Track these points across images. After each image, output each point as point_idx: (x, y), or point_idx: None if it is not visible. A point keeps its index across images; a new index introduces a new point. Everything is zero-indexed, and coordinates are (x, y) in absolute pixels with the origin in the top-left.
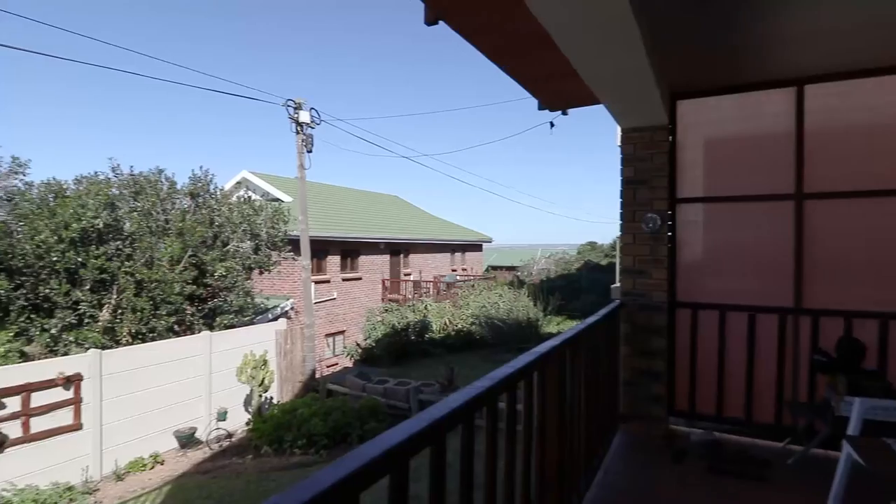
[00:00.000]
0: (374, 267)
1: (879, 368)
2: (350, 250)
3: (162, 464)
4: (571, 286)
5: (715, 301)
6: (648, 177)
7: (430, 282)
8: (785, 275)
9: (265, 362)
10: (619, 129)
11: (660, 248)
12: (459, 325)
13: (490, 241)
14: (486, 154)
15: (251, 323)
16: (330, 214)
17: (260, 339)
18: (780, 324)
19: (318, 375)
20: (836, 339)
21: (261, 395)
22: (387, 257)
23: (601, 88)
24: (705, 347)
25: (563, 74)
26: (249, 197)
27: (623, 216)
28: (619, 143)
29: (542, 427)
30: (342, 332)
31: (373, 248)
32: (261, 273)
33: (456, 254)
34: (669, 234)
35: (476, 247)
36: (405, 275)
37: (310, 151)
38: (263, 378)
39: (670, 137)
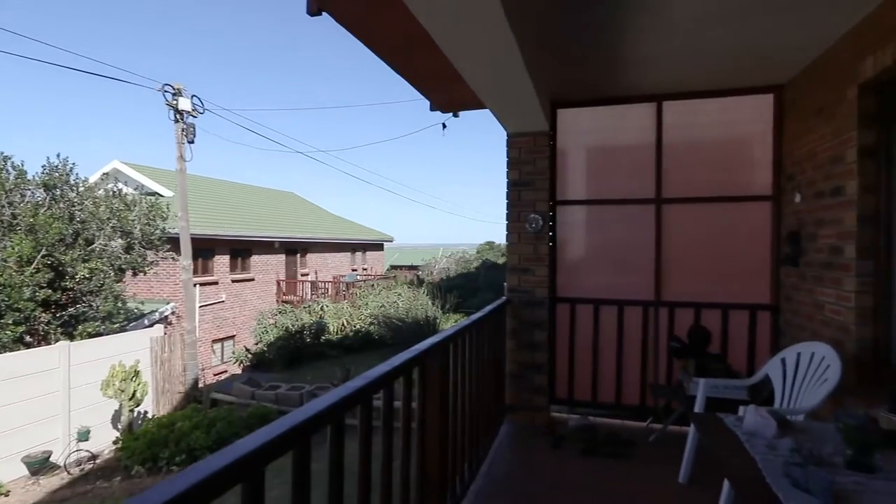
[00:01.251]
0: (269, 267)
1: (722, 352)
2: (241, 249)
3: (6, 495)
4: (470, 284)
5: (590, 296)
6: (532, 179)
7: (329, 282)
8: (648, 271)
9: (137, 373)
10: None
11: (542, 247)
12: (358, 326)
13: (391, 241)
14: (389, 153)
15: (122, 330)
16: (219, 211)
17: (131, 347)
18: (643, 315)
19: (201, 385)
20: (688, 328)
21: (132, 410)
22: (282, 257)
23: (484, 93)
24: (582, 339)
25: (452, 77)
26: (120, 190)
27: (509, 216)
28: (506, 147)
29: (423, 422)
30: (232, 337)
31: (267, 247)
32: (135, 275)
33: (356, 253)
34: (551, 233)
35: (377, 246)
36: (302, 275)
37: (191, 142)
38: (135, 391)
39: (552, 143)
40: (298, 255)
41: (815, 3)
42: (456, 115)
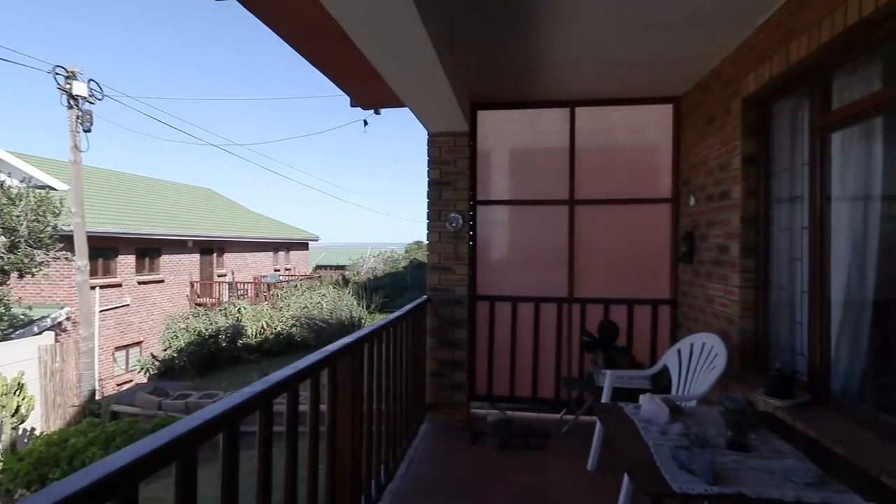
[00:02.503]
0: (181, 267)
1: (628, 344)
2: (149, 249)
3: None
4: (397, 284)
5: (508, 294)
6: (452, 179)
7: (249, 283)
8: (562, 269)
9: (21, 386)
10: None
11: (462, 246)
12: (279, 328)
13: (317, 240)
14: (317, 150)
15: (6, 339)
16: (123, 207)
17: (16, 358)
18: (558, 311)
19: (100, 397)
20: (598, 323)
21: (15, 428)
22: (196, 256)
23: (402, 92)
24: (500, 336)
25: (370, 73)
26: (2, 182)
27: (430, 215)
28: (427, 146)
29: (334, 426)
30: (138, 344)
31: (179, 246)
32: (21, 277)
33: (279, 253)
34: (471, 232)
35: (301, 245)
36: (219, 276)
37: (87, 131)
38: (18, 406)
39: (472, 143)
40: (215, 255)
41: (705, 24)
42: (377, 113)
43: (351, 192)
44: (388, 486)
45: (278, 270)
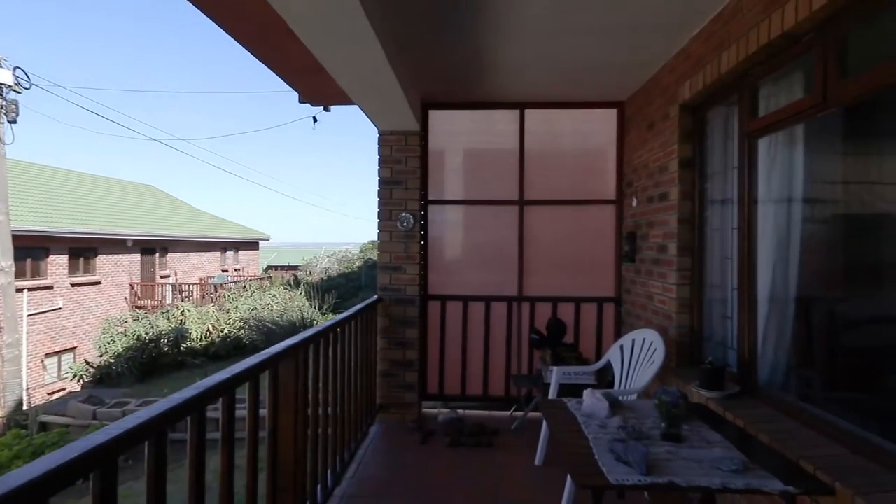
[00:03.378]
0: (120, 268)
1: (575, 341)
2: (83, 248)
3: None
4: (351, 284)
5: (460, 293)
6: (403, 178)
7: (195, 284)
8: (512, 268)
9: None
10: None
11: (413, 246)
12: (226, 331)
13: (268, 239)
14: (268, 147)
15: None
16: (54, 204)
17: None
18: (508, 310)
19: (27, 406)
20: (547, 320)
21: None
22: (137, 257)
23: (350, 89)
24: (452, 335)
25: (318, 69)
26: None
27: (380, 215)
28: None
29: (275, 431)
30: (71, 350)
31: (117, 245)
32: None
33: (227, 252)
34: (422, 232)
35: (251, 245)
36: (162, 277)
37: (12, 122)
38: None
39: (423, 142)
40: (157, 255)
41: (644, 32)
42: (327, 110)
43: (305, 191)
44: (335, 490)
45: (226, 271)
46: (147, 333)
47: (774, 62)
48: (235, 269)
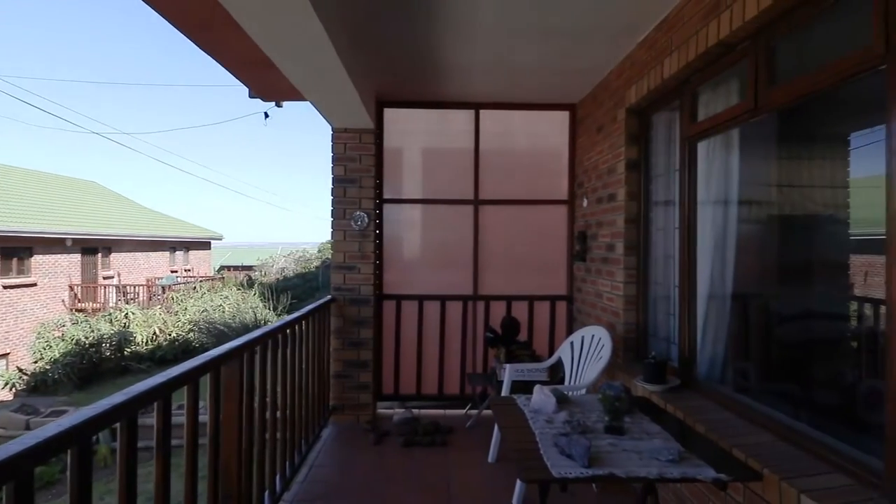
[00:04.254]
0: (58, 269)
1: (529, 339)
2: (16, 248)
3: None
4: (308, 284)
5: (415, 292)
6: (357, 176)
7: (142, 285)
8: (467, 267)
9: None
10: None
11: (368, 245)
12: (174, 334)
13: (220, 239)
14: (223, 144)
15: None
16: None
17: None
18: (463, 309)
19: None
20: (501, 319)
21: None
22: (77, 257)
23: (301, 85)
24: (407, 334)
25: (267, 63)
26: None
27: (334, 213)
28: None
29: (217, 436)
30: (4, 356)
31: (55, 245)
32: None
33: (177, 252)
34: (377, 231)
35: (203, 245)
36: (105, 278)
37: None
38: None
39: (378, 141)
40: (100, 255)
41: (593, 37)
42: (279, 105)
43: (263, 190)
44: (285, 494)
45: (176, 272)
46: (87, 338)
47: (712, 69)
48: (186, 270)
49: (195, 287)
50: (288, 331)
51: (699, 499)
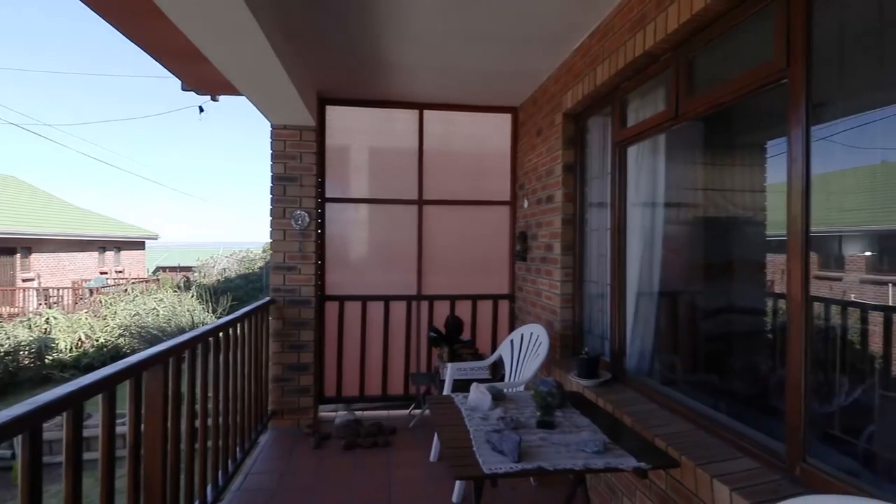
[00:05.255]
0: None
1: (472, 337)
2: None
3: None
4: (251, 285)
5: (358, 293)
6: (298, 175)
7: (67, 288)
8: (411, 267)
9: None
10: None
11: (308, 245)
12: (102, 339)
13: (156, 238)
14: (157, 141)
15: None
16: None
17: None
18: (407, 309)
19: None
20: (445, 318)
21: None
22: None
23: (234, 79)
24: (350, 336)
25: (198, 55)
26: None
27: (273, 212)
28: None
29: (138, 448)
30: None
31: None
32: None
33: (108, 253)
34: (319, 231)
35: (136, 245)
36: (25, 280)
37: None
38: None
39: (320, 139)
40: (18, 256)
41: (531, 42)
42: (215, 99)
43: (205, 188)
44: None
45: (105, 273)
46: (2, 345)
47: (640, 78)
48: (117, 272)
49: (126, 289)
50: (221, 334)
51: (627, 487)
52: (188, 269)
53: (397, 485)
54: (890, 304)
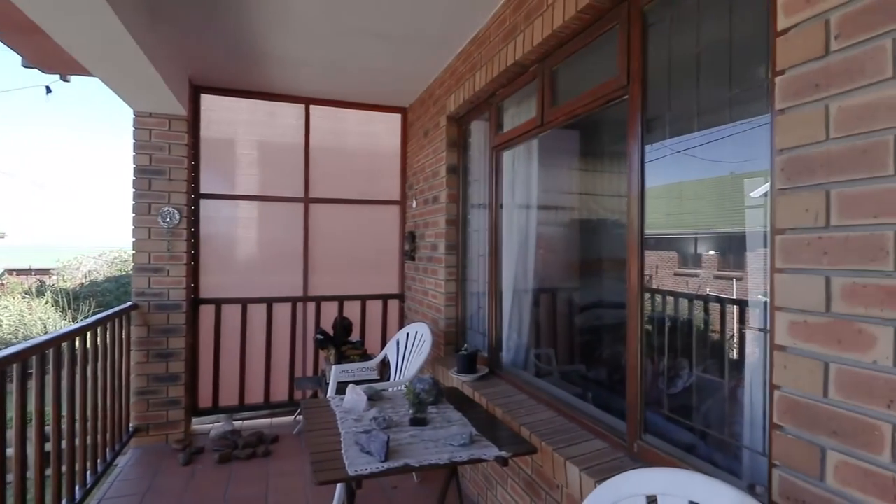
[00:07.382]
0: None
1: (362, 338)
2: None
3: None
4: (123, 289)
5: (238, 295)
6: (166, 168)
7: None
8: (297, 267)
9: None
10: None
11: (179, 244)
12: None
13: (2, 237)
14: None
15: None
16: None
17: None
18: (292, 311)
19: None
20: (333, 319)
21: None
22: None
23: (81, 57)
24: (229, 341)
25: (35, 27)
26: None
27: (136, 208)
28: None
29: None
30: None
31: None
32: None
33: None
34: (193, 229)
35: None
36: None
37: None
38: None
39: (194, 129)
40: None
41: (416, 44)
42: (66, 80)
43: (65, 182)
44: None
45: None
46: None
47: (513, 86)
48: None
49: None
50: (64, 344)
51: (500, 476)
52: (45, 271)
53: (275, 494)
54: (709, 293)
